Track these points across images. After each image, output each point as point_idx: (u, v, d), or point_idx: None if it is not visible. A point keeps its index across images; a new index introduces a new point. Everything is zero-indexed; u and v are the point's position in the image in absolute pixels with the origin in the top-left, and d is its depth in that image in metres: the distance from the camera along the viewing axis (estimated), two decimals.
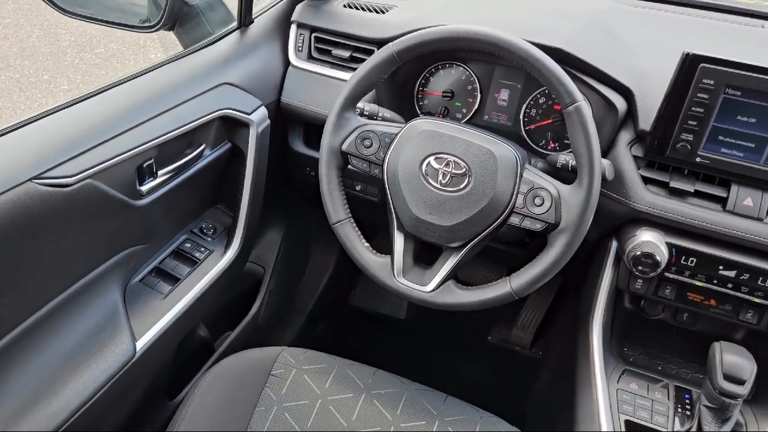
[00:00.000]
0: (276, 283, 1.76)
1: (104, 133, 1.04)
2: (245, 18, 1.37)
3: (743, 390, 1.02)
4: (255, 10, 1.40)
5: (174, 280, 1.28)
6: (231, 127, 1.32)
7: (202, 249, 1.34)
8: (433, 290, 1.10)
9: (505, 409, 1.30)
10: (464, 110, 1.36)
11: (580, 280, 1.41)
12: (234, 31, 1.38)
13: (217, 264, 1.34)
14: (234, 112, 1.28)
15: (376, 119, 1.20)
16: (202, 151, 1.25)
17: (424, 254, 1.17)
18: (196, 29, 1.37)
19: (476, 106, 1.35)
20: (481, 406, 1.19)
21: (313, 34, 1.43)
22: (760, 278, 1.11)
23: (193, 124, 1.19)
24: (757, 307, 1.16)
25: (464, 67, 1.35)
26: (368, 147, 1.12)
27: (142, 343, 1.16)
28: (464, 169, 1.05)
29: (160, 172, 1.16)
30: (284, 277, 1.82)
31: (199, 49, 1.31)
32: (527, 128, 1.32)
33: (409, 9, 1.38)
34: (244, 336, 1.65)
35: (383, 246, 1.18)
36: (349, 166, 1.16)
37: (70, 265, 1.05)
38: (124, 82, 1.15)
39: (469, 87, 1.35)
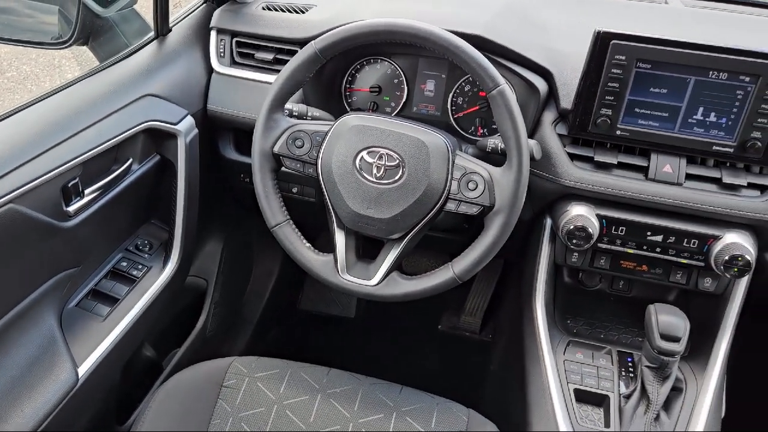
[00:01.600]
0: (220, 294, 1.73)
1: (23, 154, 0.99)
2: (162, 27, 1.34)
3: (679, 347, 1.07)
4: (171, 18, 1.37)
5: (112, 301, 1.24)
6: (158, 139, 1.28)
7: (140, 266, 1.31)
8: (378, 283, 1.11)
9: (462, 393, 1.33)
10: (393, 104, 1.38)
11: (521, 259, 1.45)
12: (152, 41, 1.35)
13: (156, 280, 1.31)
14: (159, 123, 1.25)
15: (305, 119, 1.20)
16: (129, 166, 1.22)
17: (367, 249, 1.18)
18: (111, 42, 1.33)
19: (404, 99, 1.37)
20: (439, 393, 1.20)
21: (234, 39, 1.41)
22: (685, 240, 1.17)
23: (117, 138, 1.15)
24: (685, 268, 1.23)
25: (389, 62, 1.36)
26: (300, 147, 1.12)
27: (84, 369, 1.12)
28: (397, 161, 1.07)
29: (86, 191, 1.12)
30: (229, 288, 1.79)
31: (116, 62, 1.27)
32: (456, 116, 1.35)
33: (330, 7, 1.38)
34: (193, 351, 1.62)
35: (327, 246, 1.18)
36: (283, 168, 1.15)
37: None
38: (41, 100, 1.10)
39: (396, 81, 1.37)
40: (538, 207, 1.28)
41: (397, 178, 1.07)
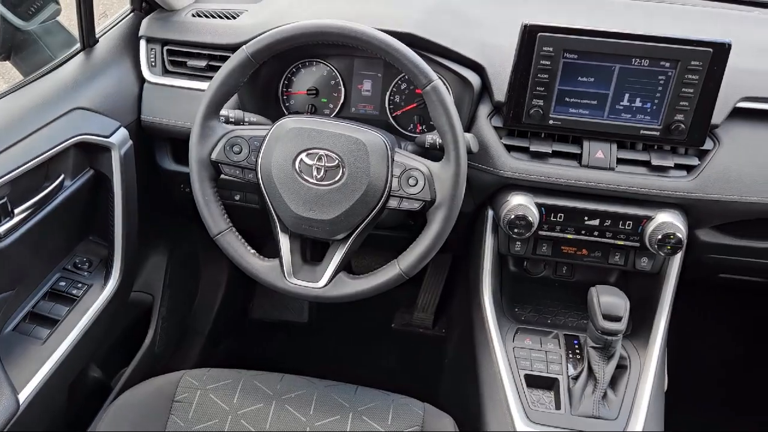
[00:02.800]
0: (168, 308, 1.70)
1: None
2: (88, 38, 1.31)
3: (621, 326, 1.11)
4: (98, 29, 1.34)
5: (52, 322, 1.20)
6: (90, 153, 1.25)
7: (79, 285, 1.27)
8: (325, 285, 1.11)
9: (420, 389, 1.34)
10: (331, 105, 1.38)
11: (467, 252, 1.47)
12: (78, 53, 1.31)
13: (97, 299, 1.27)
14: (91, 137, 1.21)
15: (242, 125, 1.19)
16: (61, 183, 1.18)
17: (312, 251, 1.18)
18: (35, 55, 1.29)
19: (342, 100, 1.37)
20: (396, 390, 1.21)
21: (165, 47, 1.38)
22: (620, 222, 1.21)
23: (45, 154, 1.12)
24: (622, 250, 1.27)
25: (324, 63, 1.36)
26: (238, 153, 1.11)
27: (25, 395, 1.08)
28: (337, 161, 1.07)
29: (16, 211, 1.08)
30: (176, 301, 1.75)
31: (41, 76, 1.23)
32: (394, 115, 1.36)
33: (261, 11, 1.37)
34: (142, 368, 1.58)
35: (275, 252, 1.17)
36: (222, 176, 1.14)
37: None
38: None
39: (332, 82, 1.37)
40: (480, 199, 1.30)
41: (337, 178, 1.07)
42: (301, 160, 1.07)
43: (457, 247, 1.50)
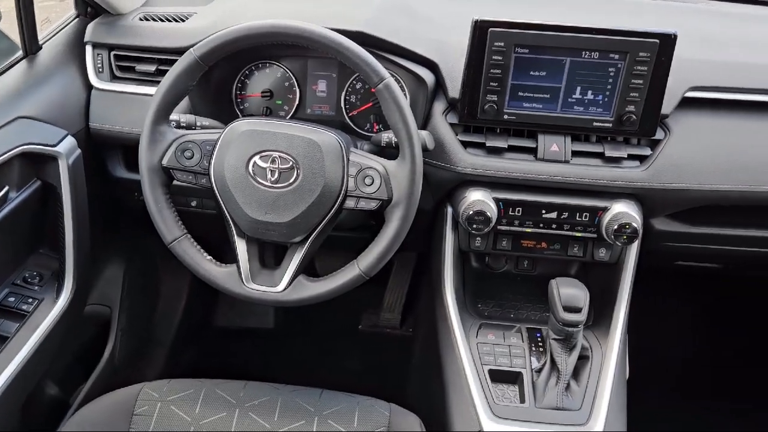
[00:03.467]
0: (127, 320, 1.65)
1: None
2: (30, 45, 1.27)
3: (581, 317, 1.12)
4: (41, 35, 1.30)
5: (1, 340, 1.15)
6: (36, 163, 1.21)
7: (30, 300, 1.23)
8: (284, 289, 1.09)
9: (389, 390, 1.33)
10: (286, 107, 1.36)
11: (429, 250, 1.47)
12: (20, 60, 1.27)
13: (49, 313, 1.23)
14: (36, 146, 1.17)
15: (194, 129, 1.17)
16: (5, 195, 1.14)
17: (270, 255, 1.16)
18: None
19: (297, 102, 1.36)
20: (365, 392, 1.20)
21: (112, 53, 1.35)
22: (577, 214, 1.22)
23: None
24: (580, 241, 1.28)
25: (278, 65, 1.35)
26: (190, 158, 1.09)
27: None
28: (291, 163, 1.05)
29: None
30: (135, 312, 1.71)
31: None
32: (350, 114, 1.35)
33: (210, 14, 1.35)
34: (102, 382, 1.54)
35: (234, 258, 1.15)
36: (175, 181, 1.11)
37: None
38: None
39: (287, 83, 1.35)
40: (438, 196, 1.30)
41: (292, 180, 1.05)
42: (255, 162, 1.06)
43: (420, 246, 1.50)
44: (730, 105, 1.25)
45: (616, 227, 1.18)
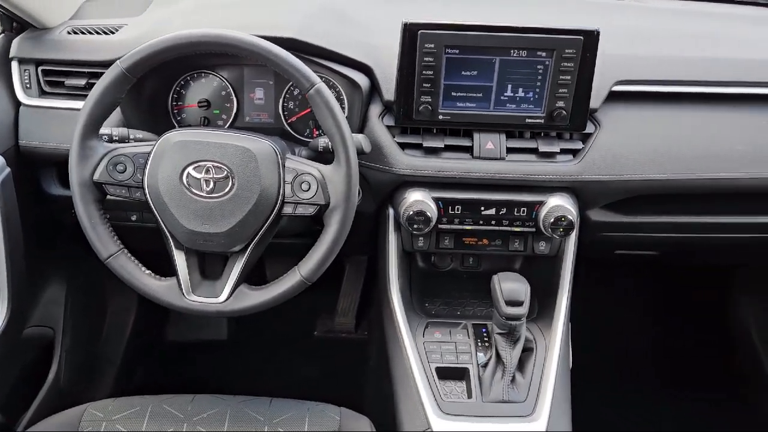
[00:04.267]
0: (72, 340, 1.61)
1: None
2: None
3: (523, 310, 1.14)
4: None
5: None
6: None
7: None
8: (226, 299, 1.09)
9: (347, 394, 1.33)
10: (224, 116, 1.35)
11: (375, 253, 1.48)
12: None
13: None
14: None
15: (128, 142, 1.15)
16: None
17: (211, 266, 1.15)
18: None
19: (235, 110, 1.35)
20: (322, 399, 1.20)
21: (40, 68, 1.32)
22: (515, 209, 1.25)
23: None
24: (520, 236, 1.31)
25: (214, 74, 1.34)
26: (122, 172, 1.07)
27: None
28: (226, 172, 1.05)
29: None
30: (81, 332, 1.67)
31: None
32: (289, 121, 1.35)
33: (140, 25, 1.33)
34: (48, 406, 1.49)
35: None
36: (109, 196, 1.10)
37: None
38: None
39: (223, 93, 1.34)
40: (379, 199, 1.31)
41: (228, 189, 1.05)
42: (189, 173, 1.05)
43: (367, 249, 1.51)
44: (657, 97, 1.29)
45: (552, 220, 1.21)
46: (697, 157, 1.25)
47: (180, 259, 1.10)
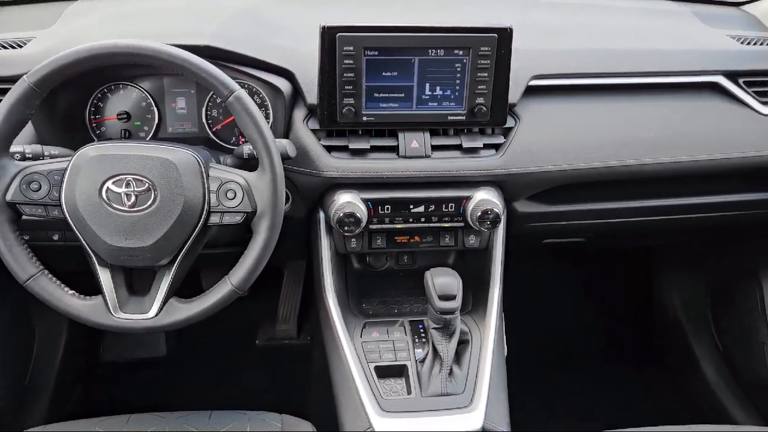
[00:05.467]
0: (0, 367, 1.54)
1: None
2: None
3: (456, 303, 1.16)
4: None
5: None
6: None
7: None
8: (156, 314, 1.07)
9: (292, 402, 1.32)
10: (146, 128, 1.32)
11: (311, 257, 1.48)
12: None
13: None
14: None
15: (42, 159, 1.11)
16: None
17: (139, 281, 1.12)
18: None
19: (156, 121, 1.32)
20: (267, 408, 1.18)
21: None
22: (443, 205, 1.27)
23: None
24: (450, 231, 1.34)
25: (132, 86, 1.30)
26: (37, 190, 1.03)
27: None
28: (147, 185, 1.02)
29: None
30: (8, 359, 1.60)
31: None
32: (214, 129, 1.33)
33: (49, 38, 1.28)
34: None
35: None
36: (24, 216, 1.05)
37: None
38: None
39: (143, 104, 1.31)
40: (309, 203, 1.31)
41: (150, 202, 1.03)
42: (108, 188, 1.02)
43: (302, 254, 1.50)
44: (572, 90, 1.34)
45: (479, 214, 1.23)
46: (611, 146, 1.31)
47: (105, 276, 1.07)
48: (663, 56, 1.38)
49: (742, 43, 1.46)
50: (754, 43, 1.46)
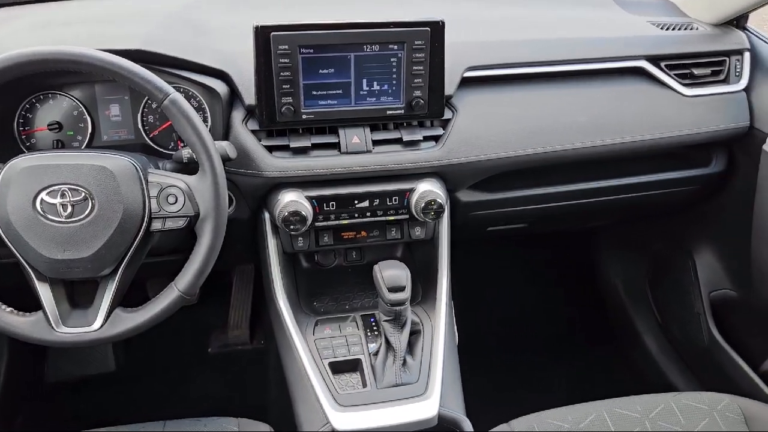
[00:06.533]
0: None
1: None
2: None
3: (405, 295, 1.18)
4: None
5: None
6: None
7: None
8: (101, 326, 1.04)
9: (254, 407, 1.31)
10: (80, 137, 1.29)
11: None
12: None
13: None
14: None
15: None
16: None
17: (81, 294, 1.09)
18: None
19: (90, 130, 1.28)
20: (224, 414, 1.18)
21: None
22: (387, 199, 1.28)
23: None
24: (396, 224, 1.35)
25: (62, 94, 1.27)
26: None
27: None
28: (84, 194, 1.00)
29: None
30: None
31: None
32: (151, 135, 1.31)
33: None
34: None
35: None
36: None
37: None
38: None
39: (75, 113, 1.28)
40: (253, 204, 1.30)
41: (88, 212, 1.00)
42: (42, 200, 0.99)
43: (249, 257, 1.49)
44: (506, 79, 1.38)
45: (423, 205, 1.25)
46: (545, 132, 1.35)
47: (44, 290, 1.04)
48: (590, 44, 1.43)
49: (662, 28, 1.52)
50: (674, 28, 1.53)
